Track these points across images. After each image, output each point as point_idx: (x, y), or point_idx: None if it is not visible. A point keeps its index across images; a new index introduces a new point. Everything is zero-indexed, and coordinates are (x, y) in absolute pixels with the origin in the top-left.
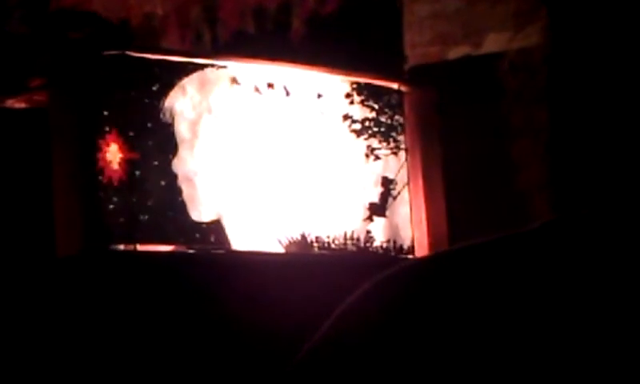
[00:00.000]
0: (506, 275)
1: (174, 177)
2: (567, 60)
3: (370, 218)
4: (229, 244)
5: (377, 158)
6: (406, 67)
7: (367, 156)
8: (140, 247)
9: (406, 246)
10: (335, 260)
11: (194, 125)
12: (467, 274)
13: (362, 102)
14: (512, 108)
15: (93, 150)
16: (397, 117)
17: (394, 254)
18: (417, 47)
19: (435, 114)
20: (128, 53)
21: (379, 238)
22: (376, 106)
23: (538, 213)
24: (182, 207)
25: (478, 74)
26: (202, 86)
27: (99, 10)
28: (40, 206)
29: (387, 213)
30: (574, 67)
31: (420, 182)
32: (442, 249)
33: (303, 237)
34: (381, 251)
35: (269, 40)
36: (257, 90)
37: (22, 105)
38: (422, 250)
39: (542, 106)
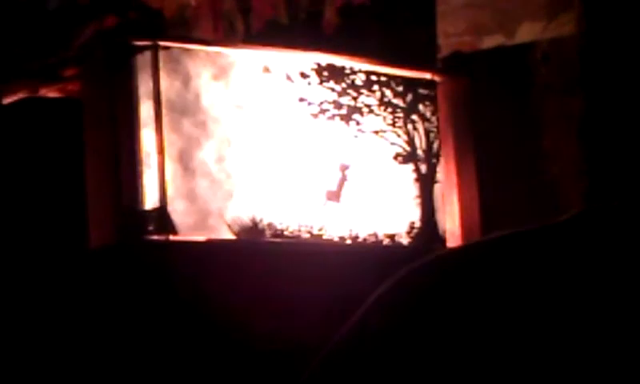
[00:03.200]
0: (537, 268)
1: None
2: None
3: (325, 205)
4: (173, 231)
5: (334, 142)
6: (439, 57)
7: (323, 140)
8: (173, 237)
9: (362, 236)
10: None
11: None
12: (499, 267)
13: (321, 83)
14: (545, 97)
15: (127, 141)
16: (362, 98)
17: (351, 242)
18: (450, 37)
19: (468, 103)
20: (161, 42)
21: (335, 226)
22: (337, 88)
23: (571, 202)
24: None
25: (512, 64)
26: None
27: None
28: (72, 197)
29: (343, 200)
30: (607, 56)
31: (453, 172)
32: (474, 238)
33: (254, 223)
34: (401, 243)
35: (301, 30)
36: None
37: (55, 94)
38: (454, 240)
39: (576, 95)
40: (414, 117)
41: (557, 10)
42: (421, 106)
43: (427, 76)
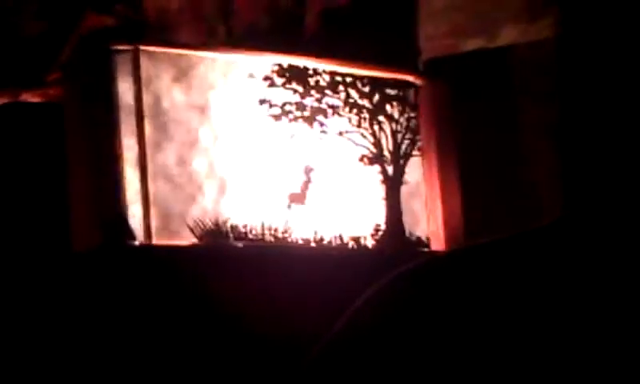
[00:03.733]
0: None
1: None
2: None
3: (289, 207)
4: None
5: (297, 144)
6: (421, 60)
7: (286, 142)
8: (156, 242)
9: (327, 238)
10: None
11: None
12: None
13: (283, 85)
14: (524, 101)
15: (109, 145)
16: (326, 99)
17: (316, 245)
18: (432, 40)
19: (450, 107)
20: (142, 47)
21: (299, 229)
22: (300, 89)
23: (550, 206)
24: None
25: (493, 67)
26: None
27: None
28: (54, 199)
29: (307, 202)
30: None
31: (435, 175)
32: (457, 242)
33: (217, 226)
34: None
35: (282, 33)
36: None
37: (37, 99)
38: (437, 244)
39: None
40: (381, 117)
41: (537, 14)
42: (388, 107)
43: (409, 79)
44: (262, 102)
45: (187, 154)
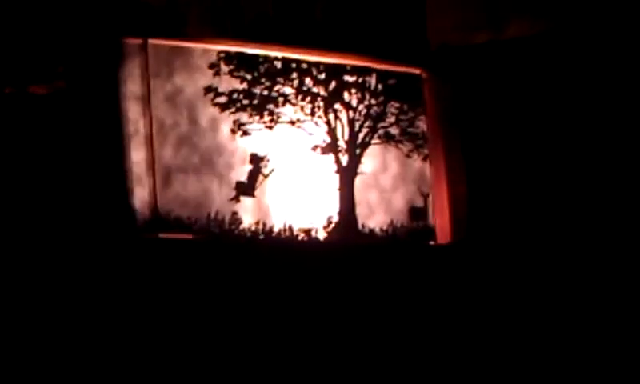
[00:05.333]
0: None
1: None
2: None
3: (236, 199)
4: None
5: (245, 133)
6: (428, 52)
7: (234, 131)
8: (162, 235)
9: (277, 229)
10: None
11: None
12: None
13: (231, 73)
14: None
15: (118, 140)
16: (277, 87)
17: (264, 236)
18: (440, 32)
19: (456, 99)
20: (150, 39)
21: (246, 220)
22: (248, 77)
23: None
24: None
25: (501, 59)
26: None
27: None
28: (55, 191)
29: (256, 193)
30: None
31: (442, 167)
32: (462, 232)
33: (160, 218)
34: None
35: (290, 24)
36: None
37: (44, 91)
38: (443, 236)
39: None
40: (337, 106)
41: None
42: (346, 94)
43: (416, 72)
44: (208, 90)
45: (129, 145)
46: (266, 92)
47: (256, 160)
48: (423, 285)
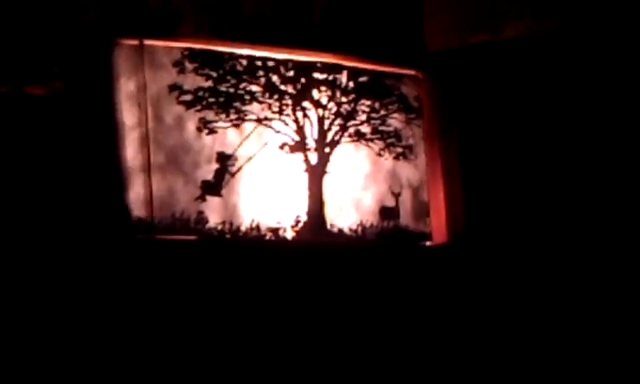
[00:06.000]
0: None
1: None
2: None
3: (202, 198)
4: None
5: (211, 131)
6: (425, 54)
7: (200, 129)
8: (159, 237)
9: (244, 228)
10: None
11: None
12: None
13: (195, 71)
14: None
15: (113, 140)
16: (244, 84)
17: (231, 236)
18: (437, 33)
19: (453, 100)
20: (145, 40)
21: (213, 220)
22: (214, 74)
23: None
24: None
25: (498, 60)
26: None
27: None
28: (51, 191)
29: (223, 192)
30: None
31: (438, 168)
32: (460, 234)
33: (125, 218)
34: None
35: (288, 25)
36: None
37: (39, 91)
38: (440, 237)
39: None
40: (306, 103)
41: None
42: (316, 92)
43: (412, 73)
44: (173, 88)
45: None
46: (232, 90)
47: (223, 159)
48: (420, 285)
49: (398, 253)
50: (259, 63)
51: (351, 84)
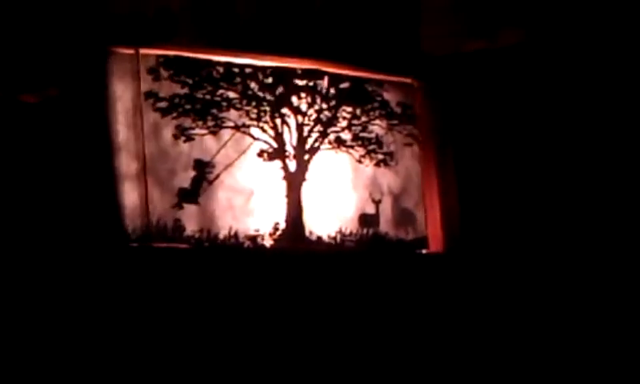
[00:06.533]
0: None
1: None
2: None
3: (178, 205)
4: None
5: (188, 138)
6: (421, 62)
7: (176, 137)
8: (155, 245)
9: (222, 236)
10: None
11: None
12: None
13: (171, 77)
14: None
15: (108, 148)
16: (221, 91)
17: (208, 244)
18: (433, 40)
19: (449, 107)
20: (141, 49)
21: (190, 227)
22: (190, 81)
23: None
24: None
25: (494, 68)
26: None
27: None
28: (46, 199)
29: (200, 199)
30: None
31: (434, 176)
32: (455, 242)
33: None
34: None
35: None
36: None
37: (35, 99)
38: (436, 245)
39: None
40: (285, 110)
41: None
42: (295, 98)
43: (408, 80)
44: (149, 95)
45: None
46: (208, 96)
47: (200, 166)
48: (415, 293)
49: (380, 261)
50: (236, 69)
51: (332, 90)
